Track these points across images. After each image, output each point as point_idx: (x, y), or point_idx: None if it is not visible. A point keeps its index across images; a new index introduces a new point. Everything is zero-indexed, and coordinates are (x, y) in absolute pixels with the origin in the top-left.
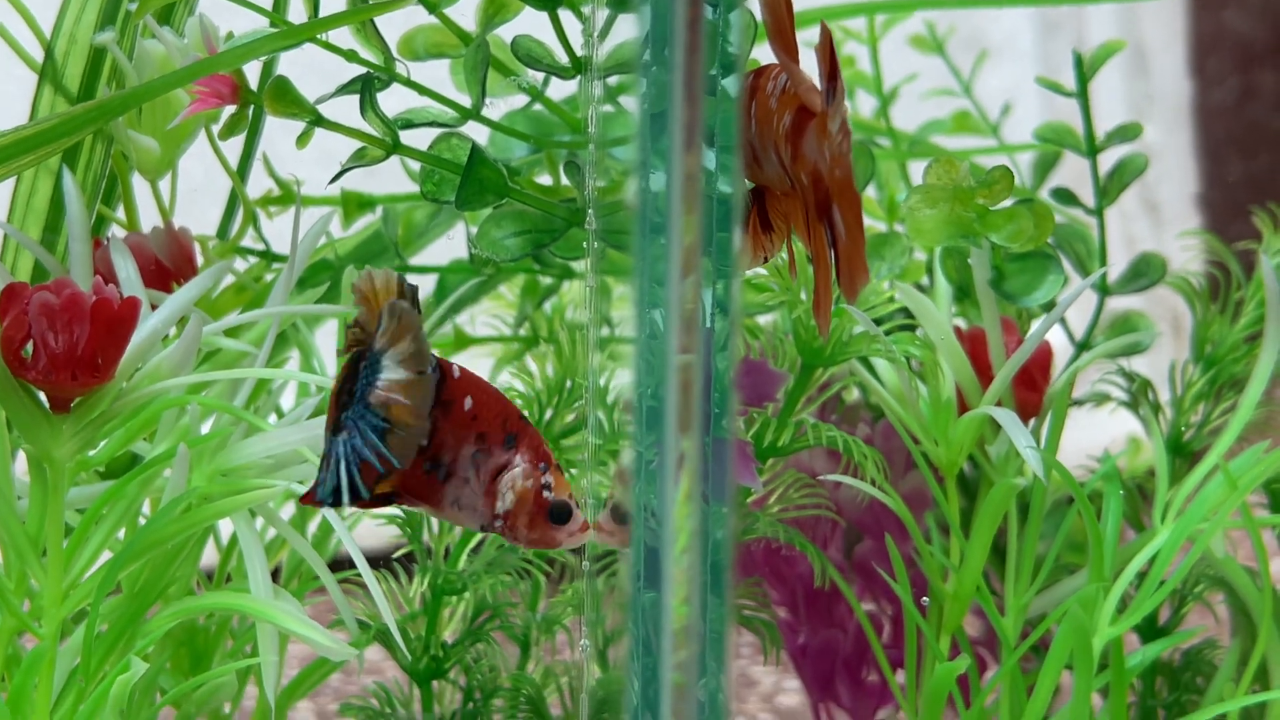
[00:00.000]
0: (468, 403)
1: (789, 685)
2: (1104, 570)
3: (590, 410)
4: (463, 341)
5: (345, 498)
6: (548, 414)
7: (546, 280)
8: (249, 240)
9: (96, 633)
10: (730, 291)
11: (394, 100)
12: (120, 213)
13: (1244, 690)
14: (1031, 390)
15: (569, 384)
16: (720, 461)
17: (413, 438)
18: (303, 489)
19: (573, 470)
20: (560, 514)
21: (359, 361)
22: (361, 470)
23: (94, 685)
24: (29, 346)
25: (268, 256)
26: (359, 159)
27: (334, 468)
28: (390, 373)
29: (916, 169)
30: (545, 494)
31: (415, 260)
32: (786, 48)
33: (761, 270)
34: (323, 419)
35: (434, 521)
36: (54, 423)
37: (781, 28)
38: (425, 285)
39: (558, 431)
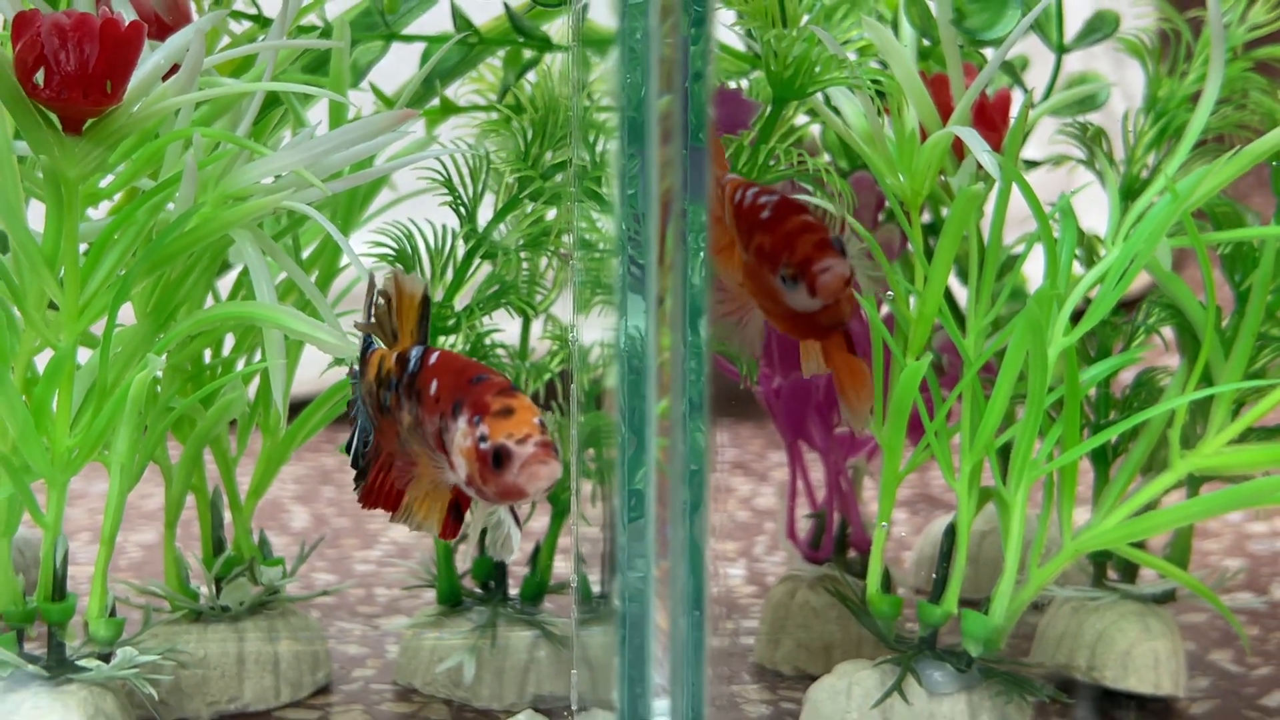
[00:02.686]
0: (433, 387)
1: (764, 490)
2: (1058, 280)
3: (574, 149)
4: (449, 109)
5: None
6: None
7: (529, 54)
8: (241, 4)
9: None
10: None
11: None
12: None
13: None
14: (991, 130)
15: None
16: (698, 169)
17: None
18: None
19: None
20: (498, 458)
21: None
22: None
23: (111, 395)
24: (40, 74)
25: (260, 21)
26: None
27: (354, 432)
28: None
29: None
30: (482, 445)
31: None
32: None
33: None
34: (323, 139)
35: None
36: (67, 144)
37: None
38: (412, 53)
39: (543, 170)
